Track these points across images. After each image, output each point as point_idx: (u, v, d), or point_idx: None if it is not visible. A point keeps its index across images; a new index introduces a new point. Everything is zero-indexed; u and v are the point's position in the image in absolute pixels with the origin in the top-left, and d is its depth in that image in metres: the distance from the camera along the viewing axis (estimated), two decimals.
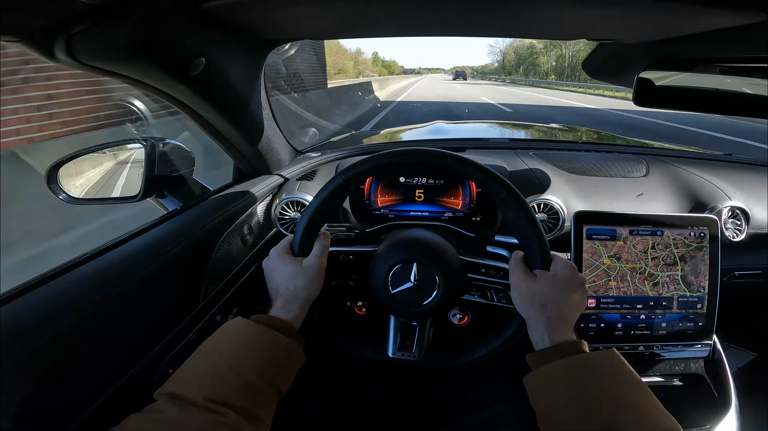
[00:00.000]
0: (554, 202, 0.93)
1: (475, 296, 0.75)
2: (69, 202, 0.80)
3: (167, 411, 0.39)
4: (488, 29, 0.65)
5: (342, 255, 0.75)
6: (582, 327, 0.78)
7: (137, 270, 0.58)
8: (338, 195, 0.61)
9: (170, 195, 0.87)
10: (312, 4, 0.50)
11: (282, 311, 0.55)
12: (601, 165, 1.07)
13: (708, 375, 0.81)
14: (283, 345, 0.50)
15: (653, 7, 0.48)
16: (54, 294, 0.50)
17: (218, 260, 0.76)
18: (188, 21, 0.53)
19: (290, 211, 0.98)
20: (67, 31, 0.46)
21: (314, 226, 0.61)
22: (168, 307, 0.64)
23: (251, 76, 0.76)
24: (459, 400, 0.83)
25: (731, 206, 0.94)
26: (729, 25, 0.50)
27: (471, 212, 0.99)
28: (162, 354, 0.62)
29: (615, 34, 0.63)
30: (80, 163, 0.82)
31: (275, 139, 0.94)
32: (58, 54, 0.48)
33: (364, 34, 0.67)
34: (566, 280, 0.54)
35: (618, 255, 0.77)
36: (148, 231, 0.69)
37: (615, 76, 0.76)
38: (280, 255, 0.60)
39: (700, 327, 0.79)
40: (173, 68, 0.58)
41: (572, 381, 0.45)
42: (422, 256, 0.67)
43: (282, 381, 0.48)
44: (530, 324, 0.54)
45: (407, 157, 0.60)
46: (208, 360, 0.46)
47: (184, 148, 0.90)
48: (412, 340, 0.71)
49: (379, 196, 1.01)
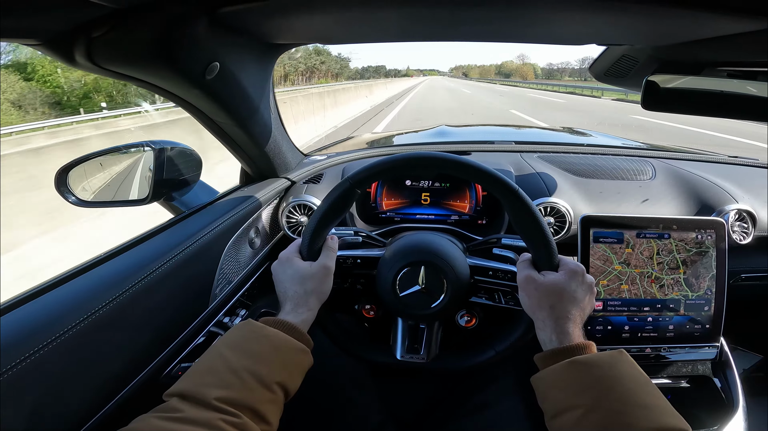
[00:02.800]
0: (561, 205, 0.93)
1: (483, 298, 0.75)
2: (78, 204, 0.81)
3: (178, 411, 0.39)
4: (497, 34, 0.65)
5: (350, 259, 0.75)
6: (589, 329, 0.78)
7: (147, 273, 0.58)
8: (345, 199, 0.62)
9: (178, 198, 0.87)
10: (324, 10, 0.51)
11: (291, 314, 0.55)
12: (608, 167, 1.07)
13: (715, 377, 0.81)
14: (292, 347, 0.50)
15: (662, 14, 0.48)
16: (65, 299, 0.51)
17: (226, 263, 0.76)
18: (205, 25, 0.53)
19: (297, 214, 0.98)
20: (88, 35, 0.46)
21: (322, 230, 0.62)
22: (177, 310, 0.64)
23: (261, 80, 0.77)
24: (465, 402, 0.83)
25: (738, 209, 0.94)
26: (736, 31, 0.50)
27: (477, 215, 1.00)
28: (172, 357, 0.63)
29: (624, 39, 0.63)
30: (89, 167, 0.82)
31: (282, 142, 0.94)
32: (78, 58, 0.48)
33: (374, 40, 0.67)
34: (575, 281, 0.54)
35: (627, 261, 0.77)
36: (157, 235, 0.69)
37: (622, 80, 0.77)
38: (289, 259, 0.60)
39: (708, 329, 0.79)
40: (189, 72, 0.59)
41: (580, 380, 0.45)
42: (430, 259, 0.68)
43: (290, 384, 0.49)
44: (538, 325, 0.54)
45: (414, 161, 0.61)
46: (219, 361, 0.46)
47: (192, 152, 0.91)
48: (420, 343, 0.71)
49: (385, 200, 1.01)
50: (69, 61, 0.49)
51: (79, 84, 29.40)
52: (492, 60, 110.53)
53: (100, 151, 0.84)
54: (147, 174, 0.83)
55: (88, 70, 0.51)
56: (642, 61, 0.68)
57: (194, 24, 0.52)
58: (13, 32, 0.41)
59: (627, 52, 0.68)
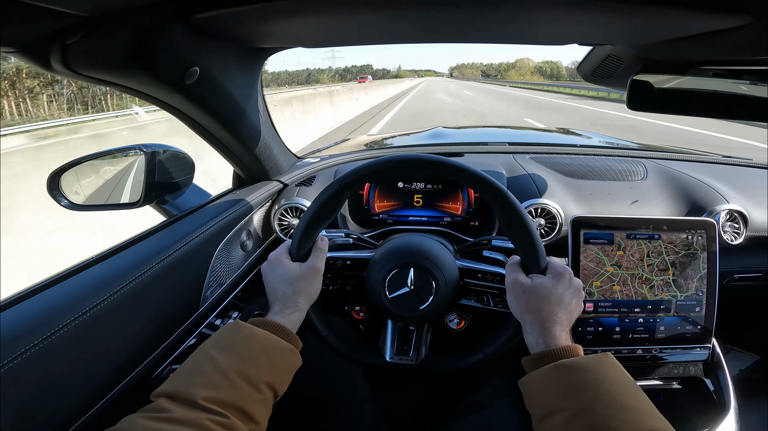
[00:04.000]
0: (551, 207, 0.93)
1: (472, 301, 0.75)
2: (71, 208, 0.81)
3: (165, 411, 0.40)
4: (478, 36, 0.65)
5: (340, 260, 0.75)
6: (580, 330, 0.78)
7: (138, 275, 0.58)
8: (335, 200, 0.62)
9: (170, 201, 0.88)
10: (303, 14, 0.51)
11: (280, 315, 0.56)
12: (599, 168, 1.07)
13: (707, 379, 0.81)
14: (281, 347, 0.51)
15: (642, 12, 0.48)
16: (55, 300, 0.51)
17: (218, 265, 0.77)
18: (180, 31, 0.54)
19: (289, 216, 0.99)
20: (62, 43, 0.47)
21: (312, 231, 0.62)
22: (168, 312, 0.65)
23: (247, 84, 0.77)
24: (456, 404, 0.83)
25: (729, 209, 0.94)
26: (717, 28, 0.50)
27: (470, 217, 1.00)
28: (162, 359, 0.63)
29: (606, 38, 0.63)
30: (81, 170, 0.83)
31: (274, 145, 0.95)
32: (55, 64, 0.49)
33: (356, 42, 0.67)
34: (562, 284, 0.54)
35: (619, 264, 0.77)
36: (148, 237, 0.70)
37: (609, 80, 0.77)
38: (279, 260, 0.60)
39: (699, 330, 0.79)
40: (167, 78, 0.59)
41: (565, 383, 0.45)
42: (419, 261, 0.68)
43: (279, 384, 0.49)
44: (525, 328, 0.54)
45: (403, 162, 0.61)
46: (207, 362, 0.46)
47: (184, 155, 0.91)
48: (410, 344, 0.71)
49: (377, 201, 1.01)
50: (45, 67, 0.49)
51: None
52: (506, 57, 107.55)
53: (92, 154, 0.85)
54: (139, 177, 0.84)
55: (66, 75, 0.51)
56: (627, 60, 0.68)
57: (169, 30, 0.52)
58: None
59: (612, 51, 0.68)
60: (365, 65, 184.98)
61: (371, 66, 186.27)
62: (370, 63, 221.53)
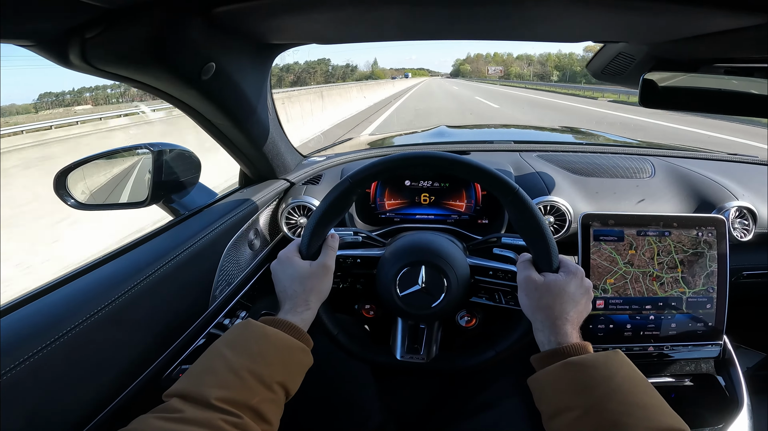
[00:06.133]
0: (560, 204, 0.93)
1: (483, 298, 0.75)
2: (77, 207, 0.81)
3: (178, 411, 0.39)
4: (493, 32, 0.65)
5: (350, 258, 0.75)
6: (591, 328, 0.78)
7: (148, 275, 0.58)
8: (345, 198, 0.61)
9: (177, 200, 0.87)
10: (319, 10, 0.51)
11: (291, 313, 0.55)
12: (607, 166, 1.07)
13: (719, 376, 0.80)
14: (292, 346, 0.50)
15: (658, 9, 0.48)
16: (64, 301, 0.50)
17: (226, 264, 0.76)
18: (200, 26, 0.53)
19: (296, 215, 0.98)
20: (81, 36, 0.46)
21: (322, 229, 0.61)
22: (177, 312, 0.64)
23: (258, 81, 0.77)
24: (466, 402, 0.82)
25: (738, 206, 0.93)
26: (732, 26, 0.50)
27: (477, 215, 0.99)
28: (172, 359, 0.63)
29: (620, 36, 0.63)
30: (88, 169, 0.82)
31: (281, 143, 0.94)
32: (73, 59, 0.48)
33: (371, 39, 0.67)
34: (574, 283, 0.54)
35: (631, 262, 0.77)
36: (156, 237, 0.69)
37: (620, 77, 0.77)
38: (289, 258, 0.60)
39: (710, 327, 0.78)
40: (185, 73, 0.59)
41: (576, 381, 0.45)
42: (430, 259, 0.68)
43: (291, 383, 0.48)
44: (536, 326, 0.54)
45: (414, 160, 0.61)
46: (219, 361, 0.46)
47: (191, 154, 0.91)
48: (420, 343, 0.71)
49: (385, 200, 1.01)
50: (64, 62, 0.49)
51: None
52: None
53: (99, 153, 0.84)
54: (146, 176, 0.83)
55: (83, 71, 0.51)
56: (639, 58, 0.68)
57: (188, 24, 0.52)
58: (7, 34, 0.41)
59: (623, 49, 0.68)
60: (322, 59, 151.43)
61: (329, 59, 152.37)
62: (328, 57, 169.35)
